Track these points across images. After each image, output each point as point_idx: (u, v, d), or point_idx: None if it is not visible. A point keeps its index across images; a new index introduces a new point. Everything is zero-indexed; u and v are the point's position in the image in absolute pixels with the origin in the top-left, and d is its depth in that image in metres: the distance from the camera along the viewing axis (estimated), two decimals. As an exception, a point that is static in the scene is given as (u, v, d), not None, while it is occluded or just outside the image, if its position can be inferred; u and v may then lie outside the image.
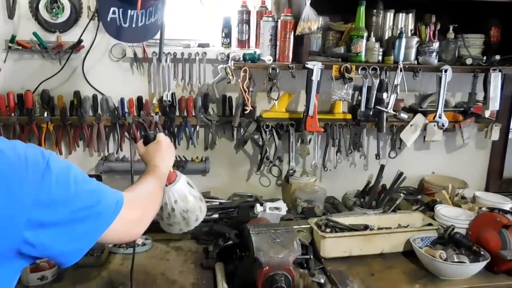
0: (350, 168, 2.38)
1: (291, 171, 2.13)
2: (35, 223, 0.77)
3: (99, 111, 2.02)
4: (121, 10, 0.99)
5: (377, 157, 2.25)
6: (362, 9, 1.91)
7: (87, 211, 0.85)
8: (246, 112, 1.87)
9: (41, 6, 1.86)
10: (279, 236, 1.37)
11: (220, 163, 2.23)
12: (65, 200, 0.81)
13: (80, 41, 1.90)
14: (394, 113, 2.02)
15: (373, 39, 1.96)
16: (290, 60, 1.90)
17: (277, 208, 1.96)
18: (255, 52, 1.88)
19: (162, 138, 1.33)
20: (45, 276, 1.53)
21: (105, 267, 1.65)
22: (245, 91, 1.82)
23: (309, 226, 1.76)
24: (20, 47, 1.88)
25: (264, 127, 2.04)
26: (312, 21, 1.78)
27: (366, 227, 1.79)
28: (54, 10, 1.87)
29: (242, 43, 2.04)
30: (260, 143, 2.11)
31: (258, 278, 1.25)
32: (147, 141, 1.34)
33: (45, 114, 1.95)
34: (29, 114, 1.93)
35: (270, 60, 1.84)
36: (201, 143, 2.17)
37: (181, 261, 1.72)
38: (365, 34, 1.92)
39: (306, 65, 1.84)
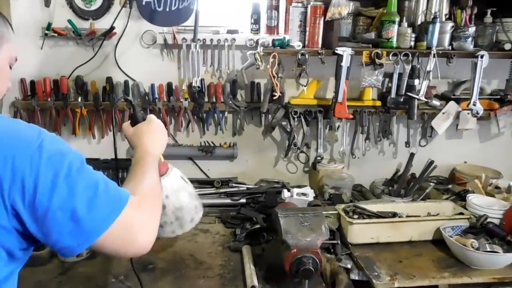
0: (379, 155, 2.35)
1: (318, 158, 2.13)
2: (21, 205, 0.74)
3: (130, 96, 2.07)
4: (155, -6, 1.00)
5: (407, 145, 2.22)
6: (394, -7, 1.87)
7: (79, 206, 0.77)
8: (274, 98, 1.87)
9: (76, -6, 1.92)
10: (307, 220, 1.38)
11: (248, 149, 2.25)
12: (51, 189, 0.75)
13: (112, 28, 1.95)
14: (425, 100, 1.97)
15: (405, 24, 1.92)
16: (320, 46, 1.89)
17: (304, 194, 1.97)
18: (284, 38, 1.87)
19: (154, 118, 1.14)
20: (80, 253, 1.60)
21: (137, 246, 1.70)
22: (274, 77, 1.82)
23: (336, 212, 1.76)
24: (56, 34, 1.94)
25: (292, 114, 2.04)
26: (342, 6, 1.76)
27: (394, 215, 1.77)
28: (88, -3, 1.93)
29: (271, 29, 2.04)
30: (288, 129, 2.11)
31: (285, 260, 1.27)
32: (135, 121, 1.14)
33: (79, 99, 2.01)
34: (64, 99, 1.99)
35: (299, 46, 1.83)
36: (229, 129, 2.19)
37: (209, 243, 1.75)
38: (397, 19, 1.88)
39: (336, 51, 1.82)
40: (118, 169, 1.84)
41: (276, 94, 1.84)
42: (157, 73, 2.08)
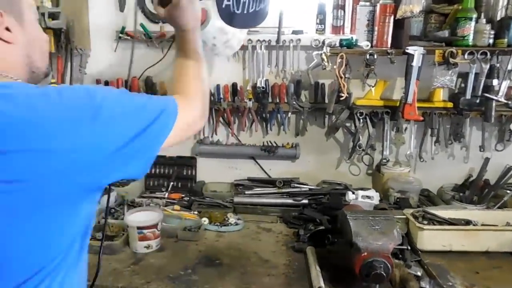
0: (448, 159, 2.23)
1: (384, 161, 2.06)
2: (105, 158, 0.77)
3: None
4: (235, -4, 1.03)
5: (481, 149, 2.08)
6: (471, -12, 1.77)
7: (139, 137, 0.81)
8: (341, 98, 1.84)
9: (149, -2, 2.01)
10: (378, 223, 1.34)
11: (310, 149, 2.23)
12: (117, 135, 0.78)
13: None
14: (505, 101, 1.85)
15: (483, 20, 1.81)
16: (389, 45, 1.83)
17: (369, 197, 1.92)
18: (351, 37, 1.84)
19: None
20: (150, 245, 1.67)
21: (202, 242, 1.75)
22: (341, 77, 1.79)
23: (404, 217, 1.70)
24: (129, 37, 2.05)
25: (358, 115, 2.00)
26: (414, 4, 1.69)
27: (468, 222, 1.67)
28: (160, 1, 2.01)
29: (337, 29, 2.01)
30: (353, 130, 2.07)
31: (355, 263, 1.24)
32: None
33: (150, 99, 2.10)
34: (136, 99, 2.09)
35: (367, 45, 1.79)
36: (292, 129, 2.19)
37: (273, 242, 1.76)
38: (474, 16, 1.78)
39: (407, 50, 1.76)
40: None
41: (343, 95, 1.81)
42: (223, 74, 2.12)
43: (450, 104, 2.02)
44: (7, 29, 0.81)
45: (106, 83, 2.12)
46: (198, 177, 2.27)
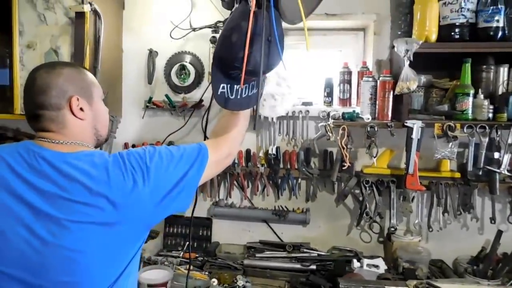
0: (462, 230, 2.21)
1: (391, 229, 2.08)
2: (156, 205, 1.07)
3: (213, 161, 2.29)
4: (228, 85, 1.20)
5: (492, 221, 2.06)
6: (467, 67, 1.87)
7: (182, 181, 1.10)
8: (344, 168, 1.93)
9: (173, 73, 2.26)
10: (367, 293, 1.37)
11: (321, 215, 2.29)
12: (165, 183, 1.08)
13: (201, 100, 2.24)
14: (509, 174, 1.86)
15: (481, 96, 1.89)
16: (389, 118, 1.94)
17: (375, 266, 1.94)
18: (353, 111, 1.96)
19: None
20: None
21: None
22: (343, 148, 1.90)
23: (406, 288, 1.70)
24: (155, 106, 2.28)
25: (364, 183, 2.07)
26: (411, 81, 1.81)
27: (475, 298, 1.65)
28: (182, 75, 2.26)
29: (344, 102, 2.15)
30: (360, 198, 2.13)
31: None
32: None
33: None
34: (158, 162, 2.28)
35: (368, 118, 1.90)
36: (302, 194, 2.27)
37: (276, 308, 1.79)
38: (472, 92, 1.87)
39: (405, 124, 1.85)
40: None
41: (345, 164, 1.90)
42: (238, 141, 2.29)
43: (457, 174, 2.06)
44: (81, 109, 1.11)
45: (133, 146, 2.34)
46: (214, 238, 2.37)
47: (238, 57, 1.12)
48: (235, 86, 1.23)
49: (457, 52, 1.86)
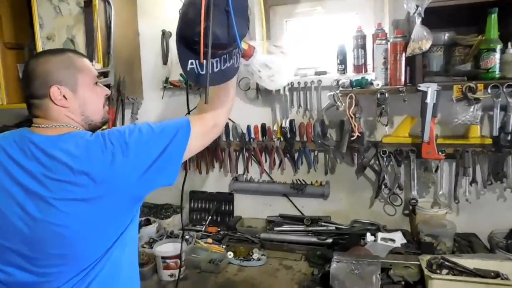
0: (498, 202, 2.01)
1: (413, 201, 1.96)
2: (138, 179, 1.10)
3: (231, 137, 2.31)
4: (197, 61, 1.17)
5: (528, 191, 1.85)
6: (493, 18, 1.66)
7: (164, 154, 1.11)
8: (353, 138, 1.83)
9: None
10: (358, 268, 1.32)
11: (341, 187, 2.22)
12: (146, 156, 1.10)
13: (214, 78, 2.24)
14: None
15: (510, 51, 1.66)
16: (403, 83, 1.79)
17: (391, 240, 1.85)
18: (363, 77, 1.84)
19: None
20: (173, 274, 1.85)
21: (222, 274, 1.88)
22: (351, 117, 1.80)
23: (418, 263, 1.60)
24: (172, 86, 2.33)
25: (381, 153, 1.96)
26: (423, 40, 1.65)
27: (497, 275, 1.51)
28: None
29: (359, 68, 2.02)
30: (379, 169, 2.02)
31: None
32: None
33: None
34: (178, 140, 2.35)
35: (378, 84, 1.78)
36: (321, 167, 2.21)
37: (288, 280, 1.80)
38: (499, 47, 1.65)
39: (419, 88, 1.70)
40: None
41: (354, 134, 1.81)
42: (254, 115, 2.27)
43: (488, 141, 1.86)
44: (64, 97, 1.15)
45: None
46: (236, 212, 2.41)
47: (196, 32, 1.10)
48: (204, 60, 1.21)
49: (482, 2, 1.64)
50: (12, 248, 1.11)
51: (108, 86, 2.07)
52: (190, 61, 1.20)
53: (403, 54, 1.75)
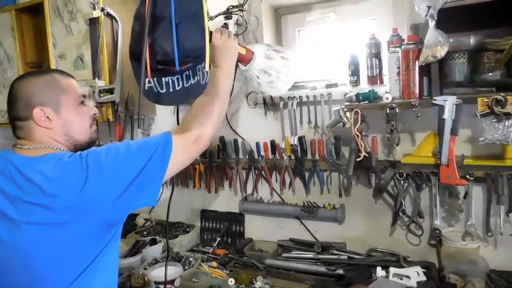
0: (546, 235, 1.68)
1: (436, 232, 1.69)
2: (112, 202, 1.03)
3: (240, 154, 2.18)
4: (155, 79, 1.09)
5: None
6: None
7: (142, 173, 1.04)
8: (359, 159, 1.62)
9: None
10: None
11: (358, 211, 2.00)
12: (122, 177, 1.03)
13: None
14: None
15: (550, 55, 1.37)
16: (417, 95, 1.55)
17: (406, 277, 1.60)
18: (370, 90, 1.63)
19: (219, 43, 1.24)
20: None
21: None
22: (357, 136, 1.59)
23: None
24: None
25: (397, 175, 1.72)
26: (437, 47, 1.41)
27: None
28: (204, 68, 2.19)
29: (373, 80, 1.81)
30: (395, 193, 1.78)
31: None
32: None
33: (198, 157, 2.26)
34: (188, 157, 2.28)
35: (387, 98, 1.56)
36: (335, 189, 2.01)
37: (287, 316, 1.63)
38: (535, 50, 1.37)
39: (434, 102, 1.46)
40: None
41: (361, 154, 1.60)
42: (262, 131, 2.13)
43: (528, 163, 1.55)
44: (48, 118, 1.13)
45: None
46: (247, 234, 2.27)
47: (140, 47, 1.01)
48: (163, 78, 1.11)
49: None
50: None
51: (113, 102, 2.05)
52: (147, 79, 1.11)
53: (417, 63, 1.52)
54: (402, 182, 1.72)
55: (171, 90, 1.11)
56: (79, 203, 1.01)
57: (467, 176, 1.61)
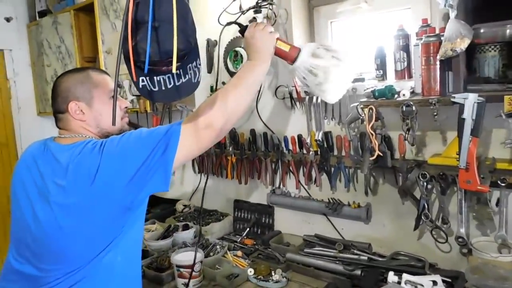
0: None
1: (459, 240, 1.56)
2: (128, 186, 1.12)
3: (269, 147, 2.20)
4: (147, 78, 1.14)
5: None
6: None
7: (149, 159, 1.11)
8: (372, 158, 1.55)
9: (228, 60, 2.25)
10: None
11: (385, 211, 1.91)
12: (132, 162, 1.11)
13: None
14: None
15: None
16: (438, 92, 1.43)
17: (421, 285, 1.51)
18: (387, 86, 1.53)
19: (247, 34, 1.33)
20: (187, 283, 1.85)
21: (236, 291, 1.81)
22: (371, 134, 1.52)
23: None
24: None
25: (420, 177, 1.61)
26: (457, 40, 1.29)
27: None
28: (236, 61, 2.22)
29: (401, 74, 1.70)
30: (419, 196, 1.67)
31: None
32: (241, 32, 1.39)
33: (231, 148, 2.32)
34: (221, 148, 2.35)
35: (404, 95, 1.46)
36: (362, 186, 1.94)
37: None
38: None
39: (453, 99, 1.34)
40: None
41: (374, 153, 1.52)
42: (291, 125, 2.12)
43: None
44: (82, 111, 1.29)
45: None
46: (276, 226, 2.29)
47: (128, 49, 1.07)
48: (155, 77, 1.17)
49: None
50: (24, 241, 1.26)
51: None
52: (141, 78, 1.18)
53: (438, 57, 1.40)
54: (425, 184, 1.60)
55: (163, 88, 1.16)
56: (94, 187, 1.12)
57: (499, 182, 1.45)
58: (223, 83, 2.26)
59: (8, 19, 3.03)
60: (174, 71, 1.01)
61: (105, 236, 1.20)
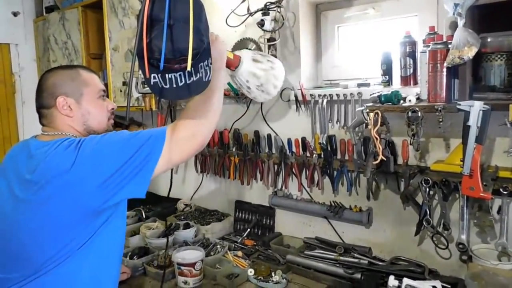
0: None
1: (460, 247, 1.57)
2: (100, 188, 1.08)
3: (273, 149, 2.21)
4: (159, 75, 1.15)
5: None
6: None
7: (127, 164, 1.08)
8: (375, 162, 1.56)
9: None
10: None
11: (386, 217, 1.92)
12: (108, 165, 1.08)
13: (258, 87, 2.17)
14: None
15: None
16: (444, 99, 1.45)
17: (420, 290, 1.52)
18: (394, 92, 1.55)
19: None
20: (187, 281, 1.87)
21: (237, 290, 1.82)
22: (376, 139, 1.54)
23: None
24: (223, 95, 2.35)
25: (422, 182, 1.62)
26: (465, 48, 1.30)
27: None
28: (242, 63, 2.24)
29: (406, 80, 1.72)
30: (421, 201, 1.68)
31: None
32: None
33: (234, 149, 2.33)
34: (224, 148, 2.36)
35: (410, 100, 1.48)
36: (364, 191, 1.95)
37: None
38: None
39: (458, 107, 1.35)
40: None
41: (378, 158, 1.54)
42: (295, 128, 2.13)
43: None
44: (70, 107, 1.28)
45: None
46: (277, 228, 2.30)
47: (141, 47, 1.08)
48: (166, 75, 1.18)
49: None
50: None
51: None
52: (152, 75, 1.19)
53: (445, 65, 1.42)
54: (428, 190, 1.61)
55: (174, 86, 1.16)
56: (64, 182, 1.09)
57: (501, 190, 1.47)
58: (228, 83, 2.28)
59: (15, 14, 3.05)
60: (188, 68, 1.02)
61: (66, 240, 1.14)
